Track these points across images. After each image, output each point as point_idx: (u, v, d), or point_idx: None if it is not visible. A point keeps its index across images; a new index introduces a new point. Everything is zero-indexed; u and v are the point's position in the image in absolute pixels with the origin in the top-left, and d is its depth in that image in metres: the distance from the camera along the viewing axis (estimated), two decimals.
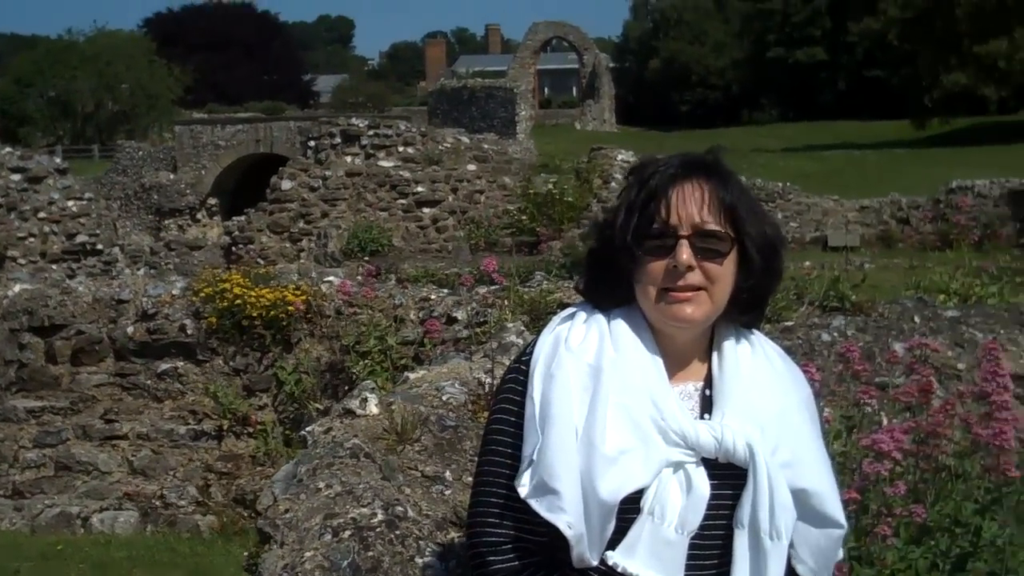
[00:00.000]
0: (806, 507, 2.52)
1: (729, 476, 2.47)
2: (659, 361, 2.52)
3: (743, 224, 2.49)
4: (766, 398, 2.54)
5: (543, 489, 2.42)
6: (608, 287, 2.58)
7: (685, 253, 2.43)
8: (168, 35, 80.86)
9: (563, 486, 2.40)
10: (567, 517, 2.39)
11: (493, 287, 9.57)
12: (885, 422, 4.39)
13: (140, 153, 40.55)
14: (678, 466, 2.43)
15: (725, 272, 2.48)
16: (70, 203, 20.49)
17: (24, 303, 10.55)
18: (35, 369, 10.56)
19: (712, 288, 2.47)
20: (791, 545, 2.54)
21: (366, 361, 9.35)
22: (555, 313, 7.51)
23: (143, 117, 69.45)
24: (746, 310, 2.60)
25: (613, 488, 2.38)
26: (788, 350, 2.75)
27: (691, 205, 2.46)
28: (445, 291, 10.22)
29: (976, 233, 21.70)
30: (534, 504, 2.42)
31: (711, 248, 2.46)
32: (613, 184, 21.42)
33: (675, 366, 2.56)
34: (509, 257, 16.80)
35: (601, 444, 2.40)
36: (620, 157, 22.35)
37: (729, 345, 2.60)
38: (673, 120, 72.66)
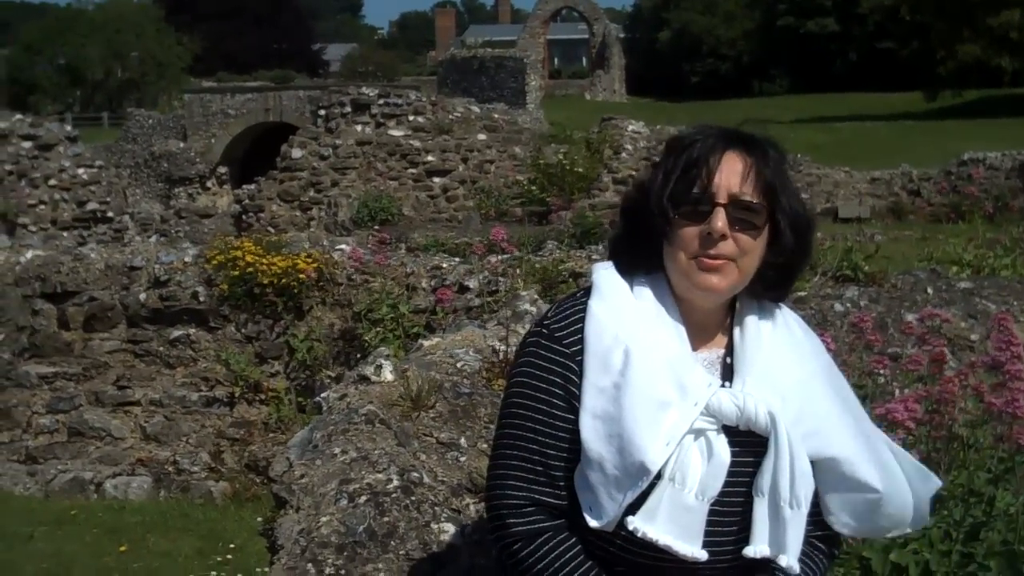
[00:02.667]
0: (836, 474, 2.53)
1: (750, 444, 2.47)
2: (682, 330, 2.53)
3: (779, 201, 2.49)
4: (787, 367, 2.55)
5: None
6: (637, 252, 2.58)
7: (720, 220, 2.43)
8: (177, 3, 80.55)
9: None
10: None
11: (504, 256, 9.58)
12: (897, 393, 4.40)
13: (150, 121, 40.39)
14: (699, 433, 2.43)
15: (757, 245, 2.48)
16: (80, 170, 20.49)
17: (36, 269, 10.58)
18: (48, 335, 10.59)
19: (741, 260, 2.47)
20: (831, 511, 2.57)
21: (378, 329, 9.37)
22: (567, 282, 7.46)
23: (152, 85, 69.26)
24: (772, 287, 2.60)
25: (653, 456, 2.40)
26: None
27: (731, 175, 2.46)
28: (457, 260, 10.23)
29: (988, 205, 21.61)
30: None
31: (746, 219, 2.45)
32: (623, 155, 21.40)
33: (697, 334, 2.57)
34: (519, 227, 16.79)
35: (639, 412, 2.42)
36: (631, 128, 22.30)
37: (751, 315, 2.60)
38: (683, 91, 72.36)
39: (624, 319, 2.51)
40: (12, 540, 8.78)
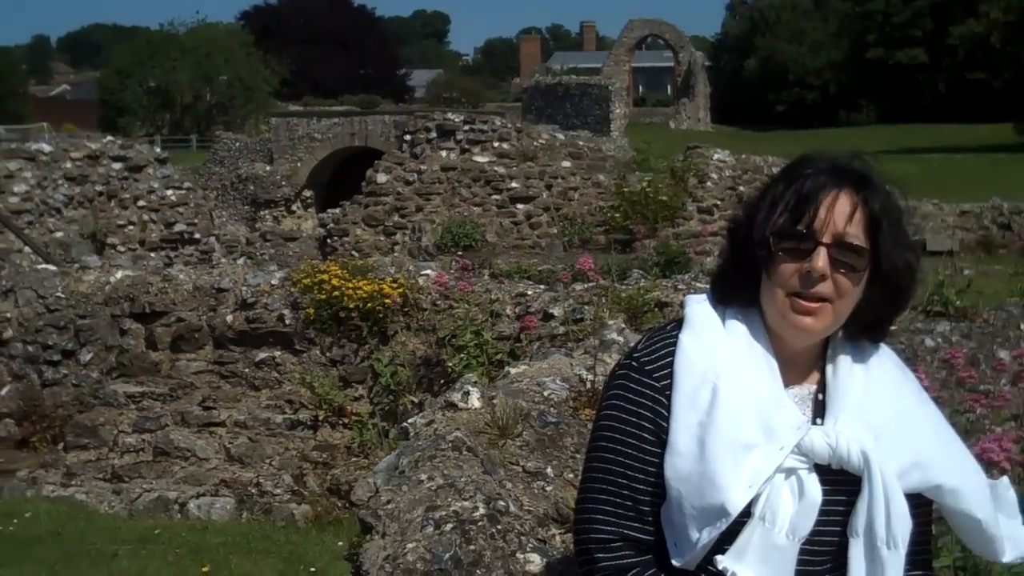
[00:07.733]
0: (943, 504, 2.50)
1: (842, 483, 2.43)
2: (775, 366, 2.49)
3: (884, 244, 2.43)
4: (882, 403, 2.49)
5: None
6: (736, 283, 2.54)
7: (822, 260, 2.38)
8: (265, 28, 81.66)
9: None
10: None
11: (590, 284, 9.55)
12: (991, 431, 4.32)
13: (237, 144, 40.88)
14: (790, 472, 2.39)
15: (855, 288, 2.43)
16: (169, 192, 20.78)
17: (126, 289, 10.73)
18: (135, 355, 10.74)
19: (837, 302, 2.42)
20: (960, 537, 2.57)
21: (462, 355, 9.38)
22: (652, 312, 7.39)
23: (240, 109, 70.22)
24: (868, 328, 2.55)
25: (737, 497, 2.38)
26: None
27: (838, 215, 2.40)
28: (541, 287, 10.22)
29: None
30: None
31: (848, 262, 2.40)
32: (708, 183, 21.32)
33: (790, 369, 2.52)
34: (603, 255, 16.74)
35: (722, 453, 2.39)
36: (716, 156, 22.23)
37: (844, 350, 2.55)
38: (769, 120, 72.03)
39: (714, 356, 2.47)
40: (97, 558, 8.85)
